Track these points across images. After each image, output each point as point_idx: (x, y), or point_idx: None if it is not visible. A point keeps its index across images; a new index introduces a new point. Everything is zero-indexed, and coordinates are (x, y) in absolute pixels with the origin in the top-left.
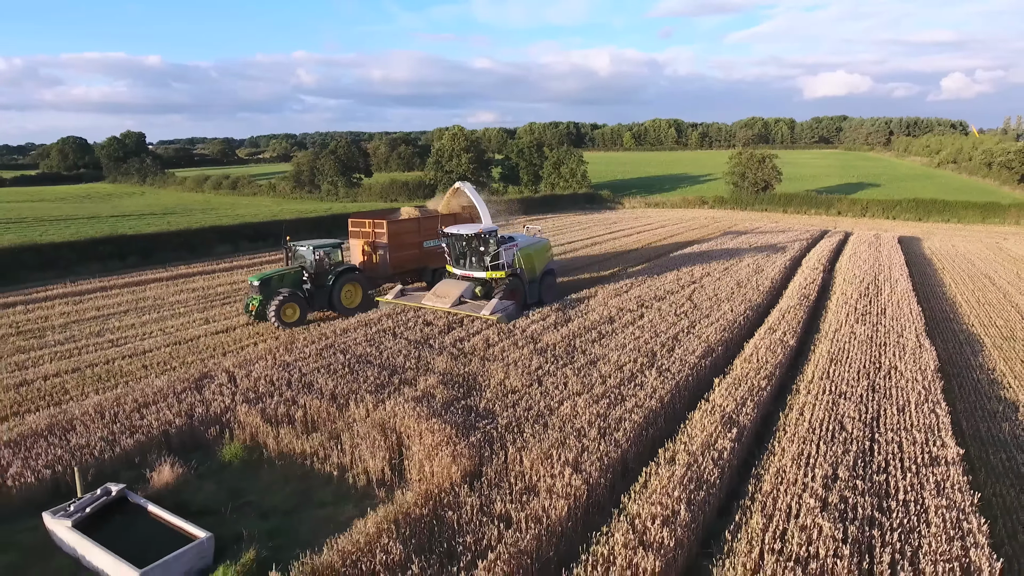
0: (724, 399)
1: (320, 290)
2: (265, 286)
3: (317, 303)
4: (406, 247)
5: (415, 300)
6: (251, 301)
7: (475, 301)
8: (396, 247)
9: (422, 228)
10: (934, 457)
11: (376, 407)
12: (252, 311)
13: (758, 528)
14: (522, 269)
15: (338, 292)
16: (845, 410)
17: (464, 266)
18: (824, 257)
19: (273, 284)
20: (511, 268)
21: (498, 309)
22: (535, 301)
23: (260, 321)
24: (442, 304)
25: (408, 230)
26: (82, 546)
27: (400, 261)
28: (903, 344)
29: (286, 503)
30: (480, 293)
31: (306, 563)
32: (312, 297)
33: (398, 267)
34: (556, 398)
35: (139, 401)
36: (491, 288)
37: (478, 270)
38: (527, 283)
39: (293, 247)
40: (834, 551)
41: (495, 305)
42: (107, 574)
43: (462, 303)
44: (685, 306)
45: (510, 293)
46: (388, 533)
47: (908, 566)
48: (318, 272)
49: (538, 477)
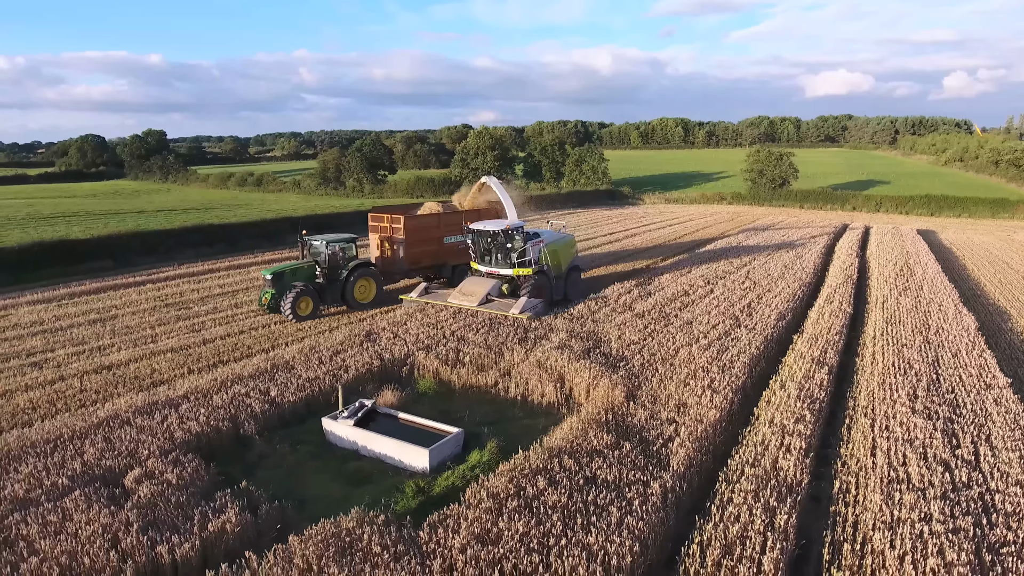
0: (807, 348)
1: (332, 284)
2: (278, 280)
3: (329, 297)
4: (424, 243)
5: (440, 298)
6: (264, 294)
7: (502, 299)
8: (413, 243)
9: (442, 224)
10: (988, 384)
11: (528, 354)
12: (265, 303)
13: (867, 424)
14: (548, 266)
15: (351, 287)
16: (909, 355)
17: (490, 263)
18: (854, 245)
19: (286, 278)
20: (538, 265)
21: (527, 308)
22: (561, 298)
23: (272, 313)
24: (468, 303)
25: (427, 225)
26: (365, 438)
27: (417, 257)
28: (944, 311)
29: (487, 418)
30: (507, 291)
31: (537, 447)
32: (324, 291)
33: (414, 263)
34: (670, 348)
35: (332, 349)
36: (518, 286)
37: (504, 267)
38: (553, 280)
39: (308, 241)
40: (929, 435)
41: (524, 303)
42: (391, 456)
43: (489, 301)
44: (746, 283)
45: (537, 291)
46: (591, 428)
47: (984, 443)
48: (331, 267)
49: (684, 397)
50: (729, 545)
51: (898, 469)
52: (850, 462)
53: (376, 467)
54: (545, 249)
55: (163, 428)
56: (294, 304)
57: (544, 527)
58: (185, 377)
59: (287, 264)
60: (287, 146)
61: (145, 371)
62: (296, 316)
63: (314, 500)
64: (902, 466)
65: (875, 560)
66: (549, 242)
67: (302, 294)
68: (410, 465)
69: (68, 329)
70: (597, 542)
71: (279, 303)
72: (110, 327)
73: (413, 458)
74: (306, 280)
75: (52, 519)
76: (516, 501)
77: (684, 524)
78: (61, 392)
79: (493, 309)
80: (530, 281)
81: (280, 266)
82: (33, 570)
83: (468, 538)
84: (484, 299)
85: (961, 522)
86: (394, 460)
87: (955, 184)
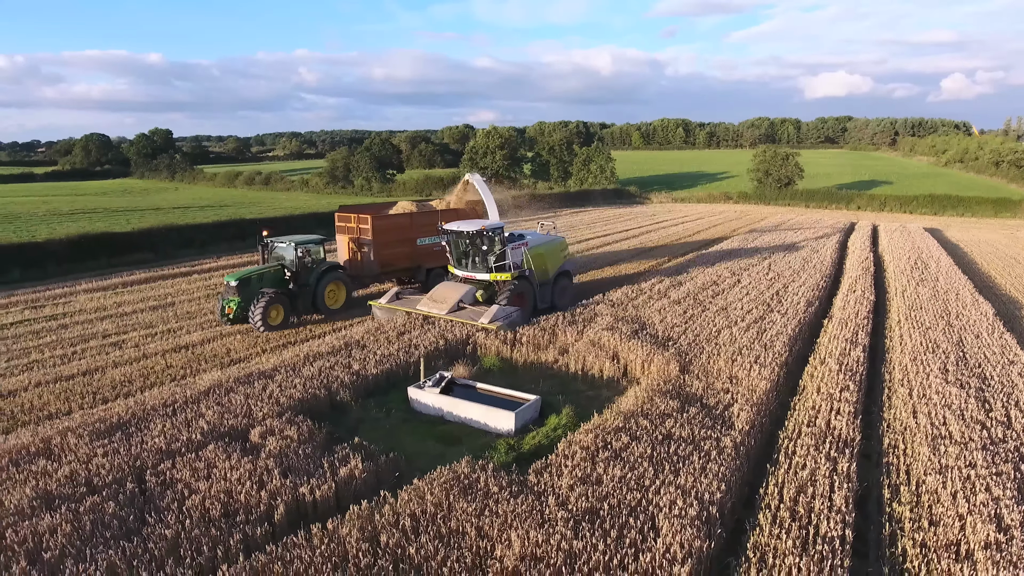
0: (838, 331)
1: (303, 290)
2: (244, 286)
3: (301, 304)
4: (395, 244)
5: (410, 305)
6: (227, 303)
7: (475, 307)
8: (383, 244)
9: (415, 224)
10: (1011, 360)
11: (581, 335)
12: (229, 314)
13: (906, 393)
14: (532, 270)
15: (322, 292)
16: (934, 336)
17: (466, 267)
18: (866, 241)
19: (253, 284)
20: (519, 269)
21: (498, 317)
22: (547, 306)
23: (236, 324)
24: (438, 310)
25: (398, 225)
26: (450, 404)
27: (388, 259)
28: (961, 299)
29: (553, 390)
30: (482, 297)
31: (612, 410)
32: (295, 298)
33: (385, 266)
34: (712, 330)
35: (396, 329)
36: (496, 292)
37: (481, 271)
38: (537, 286)
39: (271, 243)
40: (964, 401)
41: (495, 312)
42: (477, 420)
43: (460, 308)
44: (770, 274)
45: (516, 297)
46: (655, 396)
47: (1014, 407)
48: (300, 270)
49: (734, 371)
50: (802, 486)
51: (939, 428)
52: (895, 424)
53: (463, 430)
54: (528, 252)
55: (266, 395)
56: (264, 313)
57: (637, 472)
58: (261, 356)
59: (253, 268)
60: (289, 146)
61: (221, 350)
62: (266, 326)
63: (414, 456)
64: (943, 425)
65: (930, 497)
66: (535, 245)
67: (273, 301)
68: (496, 427)
69: (132, 314)
70: (688, 482)
71: (247, 312)
72: (172, 312)
73: (499, 421)
74: (275, 286)
75: (199, 466)
76: (606, 452)
77: (754, 474)
78: (150, 368)
79: (463, 318)
80: (508, 287)
81: (246, 271)
82: (197, 505)
83: (572, 480)
84: (455, 306)
85: (1003, 467)
86: (480, 423)
87: (956, 184)
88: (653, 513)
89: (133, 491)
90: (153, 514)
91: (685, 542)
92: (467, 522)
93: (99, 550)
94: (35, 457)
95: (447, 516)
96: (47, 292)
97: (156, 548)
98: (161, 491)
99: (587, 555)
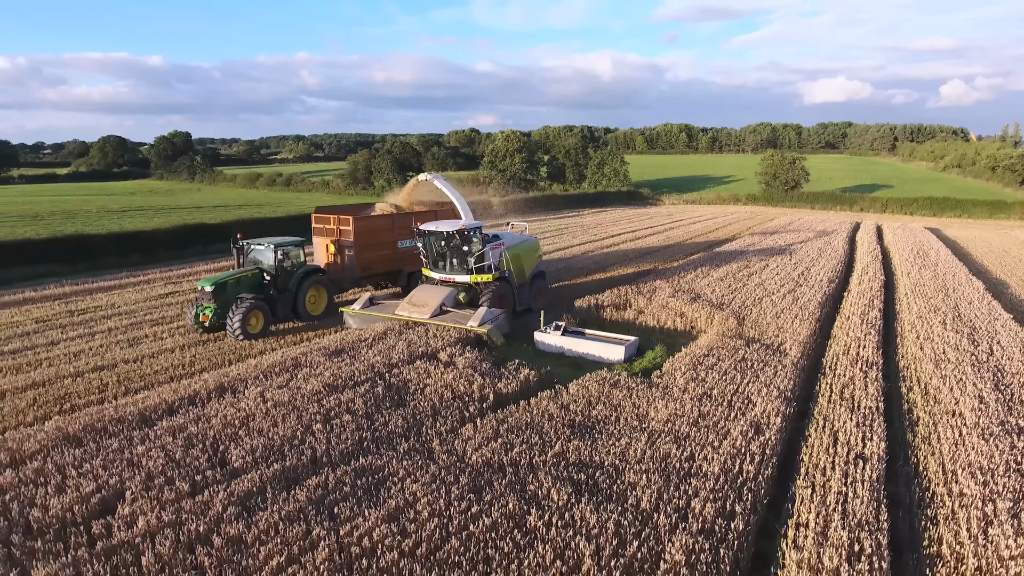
0: (857, 300)
1: (283, 295)
2: (220, 292)
3: (281, 310)
4: (376, 247)
5: (388, 310)
6: (202, 310)
7: (459, 310)
8: (364, 247)
9: (396, 225)
10: (995, 317)
11: (650, 301)
12: (204, 322)
13: (914, 337)
14: (510, 272)
15: (303, 297)
16: (935, 302)
17: (444, 269)
18: (872, 237)
19: (230, 290)
20: (499, 271)
21: (488, 319)
22: (524, 308)
23: (211, 332)
24: (420, 315)
25: (379, 227)
26: (570, 343)
27: (369, 263)
28: (957, 279)
29: (641, 337)
30: (465, 300)
31: (695, 345)
32: (275, 304)
33: (367, 269)
34: (754, 298)
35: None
36: (477, 294)
37: (461, 273)
38: (516, 288)
39: (246, 246)
40: (957, 341)
41: (484, 314)
42: (592, 354)
43: (443, 312)
44: (792, 260)
45: (499, 300)
46: (720, 339)
47: (996, 345)
48: (280, 274)
49: (781, 323)
50: (845, 385)
51: (940, 355)
52: (907, 355)
53: (582, 361)
54: (507, 253)
55: (425, 339)
56: (244, 320)
57: (729, 376)
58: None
59: (228, 273)
60: (296, 148)
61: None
62: (245, 334)
63: (557, 376)
64: (943, 354)
65: (935, 390)
66: (511, 245)
67: (252, 308)
68: (608, 359)
69: None
70: (767, 379)
71: (223, 320)
72: None
73: (611, 353)
74: (253, 291)
75: (418, 373)
76: (703, 365)
77: (808, 387)
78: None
79: (449, 321)
80: (490, 289)
81: (221, 275)
82: (432, 392)
83: (685, 381)
84: (438, 310)
85: (984, 374)
86: (595, 356)
87: (955, 188)
88: (748, 394)
89: (383, 385)
90: (409, 395)
91: (774, 408)
92: (624, 400)
93: (385, 414)
94: (293, 368)
95: (608, 396)
96: (179, 271)
97: (420, 413)
98: (402, 384)
99: (710, 417)
